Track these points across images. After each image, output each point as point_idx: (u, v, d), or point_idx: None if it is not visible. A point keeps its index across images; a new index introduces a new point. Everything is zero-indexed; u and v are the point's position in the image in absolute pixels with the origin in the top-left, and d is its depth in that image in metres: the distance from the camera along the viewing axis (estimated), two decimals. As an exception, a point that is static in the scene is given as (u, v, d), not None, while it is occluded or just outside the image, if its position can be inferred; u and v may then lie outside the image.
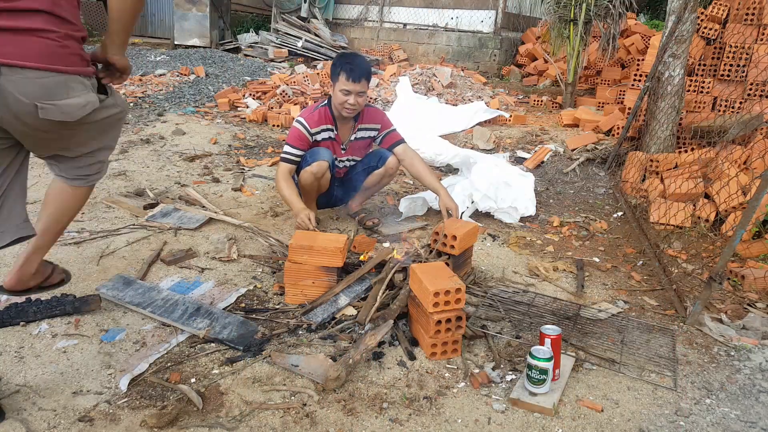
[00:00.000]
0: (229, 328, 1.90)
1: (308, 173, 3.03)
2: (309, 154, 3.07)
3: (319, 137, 3.10)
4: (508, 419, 1.78)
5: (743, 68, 4.86)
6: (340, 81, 2.91)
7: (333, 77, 2.97)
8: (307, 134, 3.05)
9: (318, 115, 3.07)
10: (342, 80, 2.90)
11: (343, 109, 2.98)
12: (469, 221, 3.29)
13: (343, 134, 3.18)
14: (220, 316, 1.91)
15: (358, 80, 2.89)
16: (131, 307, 2.00)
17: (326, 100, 3.12)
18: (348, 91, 2.91)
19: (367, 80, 2.94)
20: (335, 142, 3.16)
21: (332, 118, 3.09)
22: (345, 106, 2.96)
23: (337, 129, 3.13)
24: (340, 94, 2.93)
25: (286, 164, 3.06)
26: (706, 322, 2.41)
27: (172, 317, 1.90)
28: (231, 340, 1.80)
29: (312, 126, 3.05)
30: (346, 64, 2.89)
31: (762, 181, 2.34)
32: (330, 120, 3.09)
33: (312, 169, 3.02)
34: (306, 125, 3.04)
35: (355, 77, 2.88)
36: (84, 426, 1.62)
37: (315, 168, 3.02)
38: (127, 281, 2.21)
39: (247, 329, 1.90)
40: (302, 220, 2.78)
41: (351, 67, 2.88)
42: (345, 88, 2.91)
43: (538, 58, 8.81)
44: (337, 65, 2.95)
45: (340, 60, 2.97)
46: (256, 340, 1.84)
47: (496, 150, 5.24)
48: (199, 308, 1.93)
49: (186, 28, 10.30)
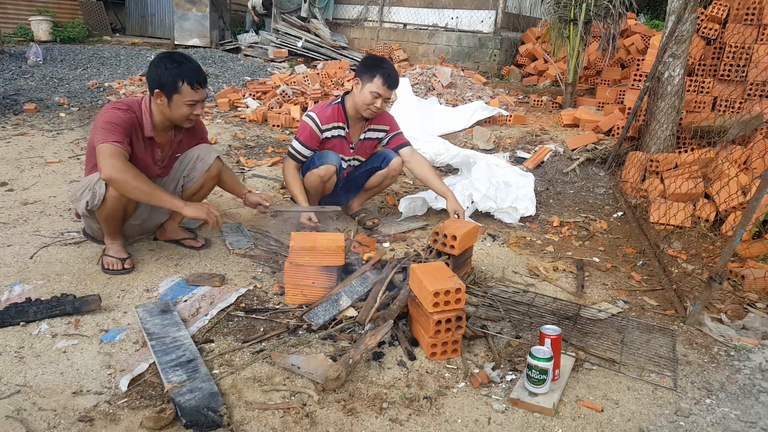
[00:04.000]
0: (195, 393, 1.75)
1: (315, 176, 3.04)
2: (317, 156, 3.08)
3: (329, 134, 3.10)
4: (508, 419, 1.78)
5: (743, 68, 4.86)
6: (374, 83, 2.92)
7: (365, 77, 2.95)
8: (317, 130, 3.05)
9: (331, 111, 3.08)
10: (378, 83, 2.91)
11: (366, 109, 3.00)
12: (469, 221, 3.29)
13: (353, 133, 3.19)
14: (199, 378, 1.79)
15: (393, 87, 2.96)
16: (144, 334, 2.04)
17: (339, 98, 3.13)
18: (379, 95, 2.94)
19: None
20: (345, 140, 3.17)
21: (345, 116, 3.11)
22: (370, 108, 2.99)
23: (348, 127, 3.14)
24: (370, 96, 2.94)
25: (293, 161, 3.07)
26: (706, 322, 2.41)
27: (162, 359, 1.89)
28: (182, 408, 1.68)
29: (323, 122, 3.06)
30: (384, 69, 2.92)
31: (762, 181, 2.34)
32: (342, 118, 3.10)
33: (319, 172, 3.04)
34: (317, 121, 3.05)
35: (391, 84, 2.94)
36: (84, 426, 1.62)
37: (322, 171, 3.03)
38: (165, 309, 2.20)
39: (210, 403, 1.71)
40: (303, 219, 2.84)
41: (389, 73, 2.92)
42: (378, 92, 2.93)
43: (538, 58, 8.81)
44: (371, 67, 2.94)
45: (376, 63, 2.96)
46: (205, 419, 1.64)
47: (496, 150, 5.24)
48: (191, 360, 1.89)
49: (186, 28, 10.29)
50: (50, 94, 6.32)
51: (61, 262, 2.62)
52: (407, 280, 2.23)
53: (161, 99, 2.46)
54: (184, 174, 2.75)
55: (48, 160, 4.19)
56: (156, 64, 2.43)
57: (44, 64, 7.71)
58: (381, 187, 3.41)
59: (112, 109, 2.43)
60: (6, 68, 7.24)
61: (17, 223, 3.02)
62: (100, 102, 6.24)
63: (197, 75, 2.45)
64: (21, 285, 2.37)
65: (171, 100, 2.45)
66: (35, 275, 2.47)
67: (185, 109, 2.47)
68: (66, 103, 6.04)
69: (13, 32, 9.69)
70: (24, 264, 2.56)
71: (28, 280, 2.42)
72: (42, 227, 2.98)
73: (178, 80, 2.40)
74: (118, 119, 2.39)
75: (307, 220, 2.93)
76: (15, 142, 4.59)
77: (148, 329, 2.06)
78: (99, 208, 2.42)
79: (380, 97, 2.95)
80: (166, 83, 2.41)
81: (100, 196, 2.37)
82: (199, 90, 2.47)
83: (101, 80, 7.25)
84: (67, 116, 5.58)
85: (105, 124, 2.35)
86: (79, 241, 2.83)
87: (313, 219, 2.88)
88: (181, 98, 2.44)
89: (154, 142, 2.57)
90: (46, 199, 3.40)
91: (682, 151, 4.55)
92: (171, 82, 2.41)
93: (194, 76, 2.44)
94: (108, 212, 2.43)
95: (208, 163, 2.73)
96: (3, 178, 3.72)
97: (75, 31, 10.33)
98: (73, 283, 2.44)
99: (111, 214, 2.44)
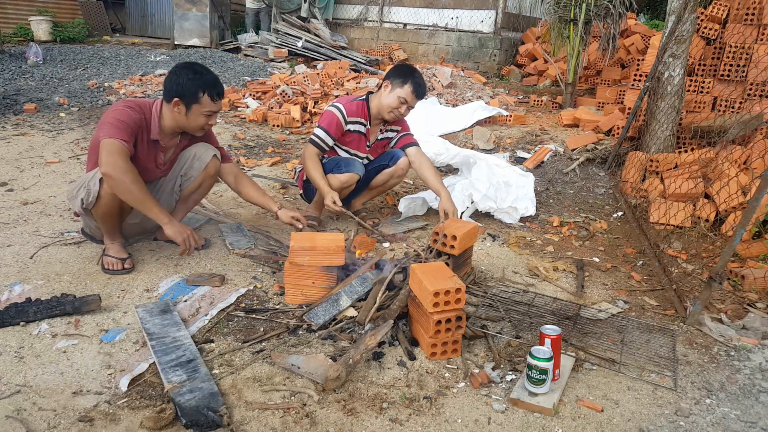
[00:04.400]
0: (195, 393, 1.74)
1: (337, 180, 3.07)
2: (344, 162, 3.11)
3: (352, 127, 3.14)
4: (508, 419, 1.78)
5: (743, 68, 4.86)
6: (404, 90, 3.01)
7: (396, 82, 3.03)
8: (342, 120, 3.09)
9: (356, 106, 3.12)
10: (408, 91, 3.01)
11: (390, 113, 3.08)
12: (469, 221, 3.29)
13: (372, 132, 3.25)
14: (199, 378, 1.81)
15: (420, 98, 3.07)
16: (144, 334, 2.04)
17: (365, 95, 3.17)
18: (406, 101, 3.03)
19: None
20: (363, 137, 3.21)
21: (368, 114, 3.15)
22: (394, 113, 3.08)
23: (370, 125, 3.19)
24: (397, 100, 3.03)
25: (314, 147, 3.08)
26: (706, 322, 2.41)
27: (162, 359, 1.89)
28: (182, 408, 1.69)
29: (349, 114, 3.09)
30: (416, 79, 3.02)
31: (762, 181, 2.34)
32: (366, 115, 3.15)
33: (342, 178, 3.07)
34: (343, 112, 3.08)
35: (420, 94, 3.05)
36: (84, 426, 1.62)
37: (345, 178, 3.08)
38: (165, 309, 2.21)
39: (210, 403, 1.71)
40: (329, 202, 2.91)
41: (420, 83, 3.03)
42: (406, 98, 3.03)
43: (538, 58, 8.81)
44: (405, 74, 3.03)
45: (409, 71, 3.06)
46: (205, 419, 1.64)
47: (496, 150, 5.23)
48: (191, 360, 1.89)
49: (186, 28, 10.29)
50: (50, 94, 6.32)
51: (61, 262, 2.62)
52: (407, 280, 2.23)
53: (179, 107, 2.48)
54: (181, 173, 2.75)
55: (48, 160, 4.19)
56: (177, 73, 2.46)
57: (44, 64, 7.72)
58: (386, 186, 3.42)
59: (123, 107, 2.45)
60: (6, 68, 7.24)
61: (17, 223, 3.02)
62: (100, 102, 6.24)
63: (217, 87, 2.51)
64: (21, 285, 2.37)
65: (189, 109, 2.49)
66: (35, 275, 2.47)
67: (202, 119, 2.52)
68: (66, 103, 6.04)
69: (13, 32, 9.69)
70: (24, 264, 2.56)
71: (28, 280, 2.42)
72: (42, 227, 2.98)
73: (199, 91, 2.44)
74: (128, 118, 2.40)
75: (332, 203, 2.93)
76: (15, 142, 4.59)
77: (148, 329, 2.06)
78: (94, 206, 2.42)
79: (406, 104, 3.04)
80: (187, 93, 2.44)
81: (95, 193, 2.37)
82: (217, 101, 2.52)
83: (101, 80, 7.25)
84: (67, 116, 5.58)
85: (114, 120, 2.37)
86: (79, 241, 2.83)
87: (337, 202, 2.91)
88: (200, 108, 2.48)
89: (158, 145, 2.59)
90: (46, 199, 3.40)
91: (682, 151, 4.55)
92: (192, 92, 2.44)
93: (215, 88, 2.49)
94: (104, 210, 2.43)
95: (205, 161, 2.74)
96: (3, 178, 3.72)
97: (75, 31, 10.33)
98: (73, 283, 2.44)
99: (107, 211, 2.44)
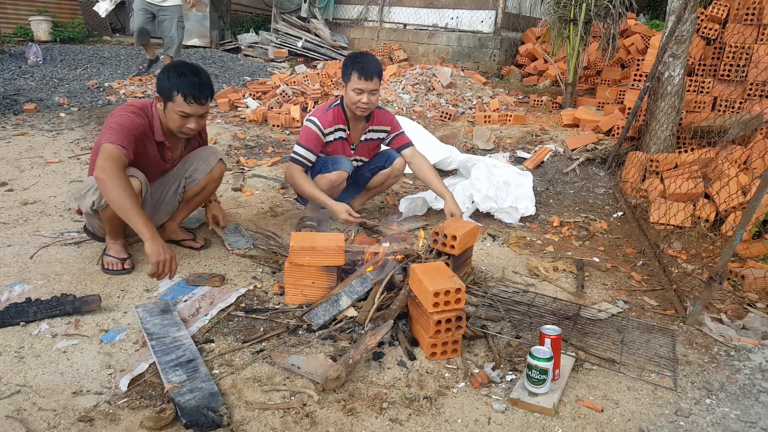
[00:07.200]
0: (195, 393, 1.73)
1: (326, 179, 3.05)
2: (331, 161, 3.09)
3: (332, 137, 3.10)
4: (508, 419, 1.78)
5: (743, 68, 4.86)
6: (352, 80, 2.93)
7: (345, 77, 2.99)
8: (320, 134, 3.05)
9: (332, 114, 3.08)
10: (354, 79, 2.91)
11: (357, 108, 2.99)
12: (469, 221, 3.29)
13: (354, 134, 3.20)
14: (199, 378, 1.80)
15: (370, 78, 2.91)
16: (144, 334, 2.04)
17: (338, 100, 3.13)
18: (361, 90, 2.93)
19: (379, 78, 2.96)
20: (346, 142, 3.17)
21: (345, 118, 3.11)
22: (359, 105, 2.98)
23: (349, 129, 3.15)
24: (353, 94, 2.95)
25: (297, 165, 3.06)
26: (706, 322, 2.41)
27: (162, 359, 1.89)
28: (182, 408, 1.69)
29: (325, 126, 3.06)
30: (357, 63, 2.91)
31: (762, 181, 2.34)
32: (343, 120, 3.11)
33: (331, 177, 3.05)
34: (319, 125, 3.04)
35: (367, 75, 2.90)
36: (84, 426, 1.62)
37: (334, 176, 3.05)
38: (165, 309, 2.21)
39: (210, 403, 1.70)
40: (346, 217, 2.89)
41: (362, 65, 2.90)
42: (358, 87, 2.92)
43: (538, 58, 8.80)
44: (348, 65, 2.96)
45: (350, 60, 2.98)
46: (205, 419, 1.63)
47: (496, 150, 5.24)
48: (191, 360, 1.89)
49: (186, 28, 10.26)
50: (50, 94, 6.32)
51: (61, 262, 2.62)
52: (407, 280, 2.23)
53: (160, 104, 2.52)
54: (186, 175, 2.76)
55: (48, 160, 4.19)
56: (164, 70, 2.49)
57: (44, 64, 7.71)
58: (383, 187, 3.41)
59: (125, 112, 2.46)
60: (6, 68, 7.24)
61: (17, 223, 3.02)
62: (100, 102, 6.24)
63: (194, 89, 2.45)
64: (21, 285, 2.37)
65: (165, 106, 2.51)
66: (35, 275, 2.47)
67: (177, 119, 2.50)
68: (66, 103, 6.04)
69: (13, 32, 9.68)
70: (24, 264, 2.56)
71: (28, 280, 2.42)
72: (42, 227, 2.98)
73: (174, 90, 2.45)
74: (130, 123, 2.42)
75: (349, 216, 2.91)
76: (15, 142, 4.59)
77: (148, 329, 2.06)
78: (104, 209, 2.44)
79: (363, 92, 2.93)
80: (164, 90, 2.47)
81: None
82: (192, 104, 2.47)
83: (101, 80, 7.24)
84: (67, 116, 5.58)
85: (116, 125, 2.39)
86: (79, 241, 2.83)
87: (353, 213, 2.90)
88: (174, 107, 2.47)
89: (164, 145, 2.62)
90: (46, 199, 3.40)
91: (682, 151, 4.55)
92: (167, 89, 2.46)
93: (190, 90, 2.44)
94: (113, 212, 2.43)
95: (211, 164, 2.77)
96: (3, 178, 3.72)
97: (75, 31, 10.32)
98: (73, 283, 2.44)
99: (116, 215, 2.45)
